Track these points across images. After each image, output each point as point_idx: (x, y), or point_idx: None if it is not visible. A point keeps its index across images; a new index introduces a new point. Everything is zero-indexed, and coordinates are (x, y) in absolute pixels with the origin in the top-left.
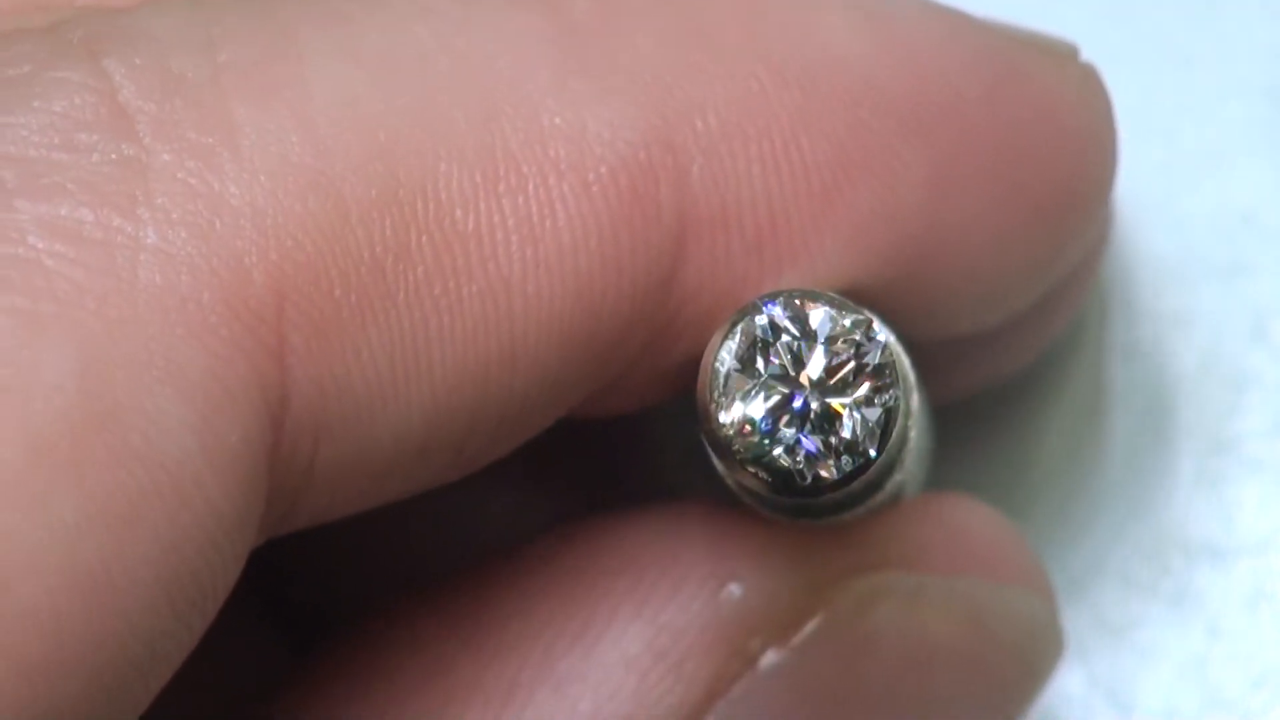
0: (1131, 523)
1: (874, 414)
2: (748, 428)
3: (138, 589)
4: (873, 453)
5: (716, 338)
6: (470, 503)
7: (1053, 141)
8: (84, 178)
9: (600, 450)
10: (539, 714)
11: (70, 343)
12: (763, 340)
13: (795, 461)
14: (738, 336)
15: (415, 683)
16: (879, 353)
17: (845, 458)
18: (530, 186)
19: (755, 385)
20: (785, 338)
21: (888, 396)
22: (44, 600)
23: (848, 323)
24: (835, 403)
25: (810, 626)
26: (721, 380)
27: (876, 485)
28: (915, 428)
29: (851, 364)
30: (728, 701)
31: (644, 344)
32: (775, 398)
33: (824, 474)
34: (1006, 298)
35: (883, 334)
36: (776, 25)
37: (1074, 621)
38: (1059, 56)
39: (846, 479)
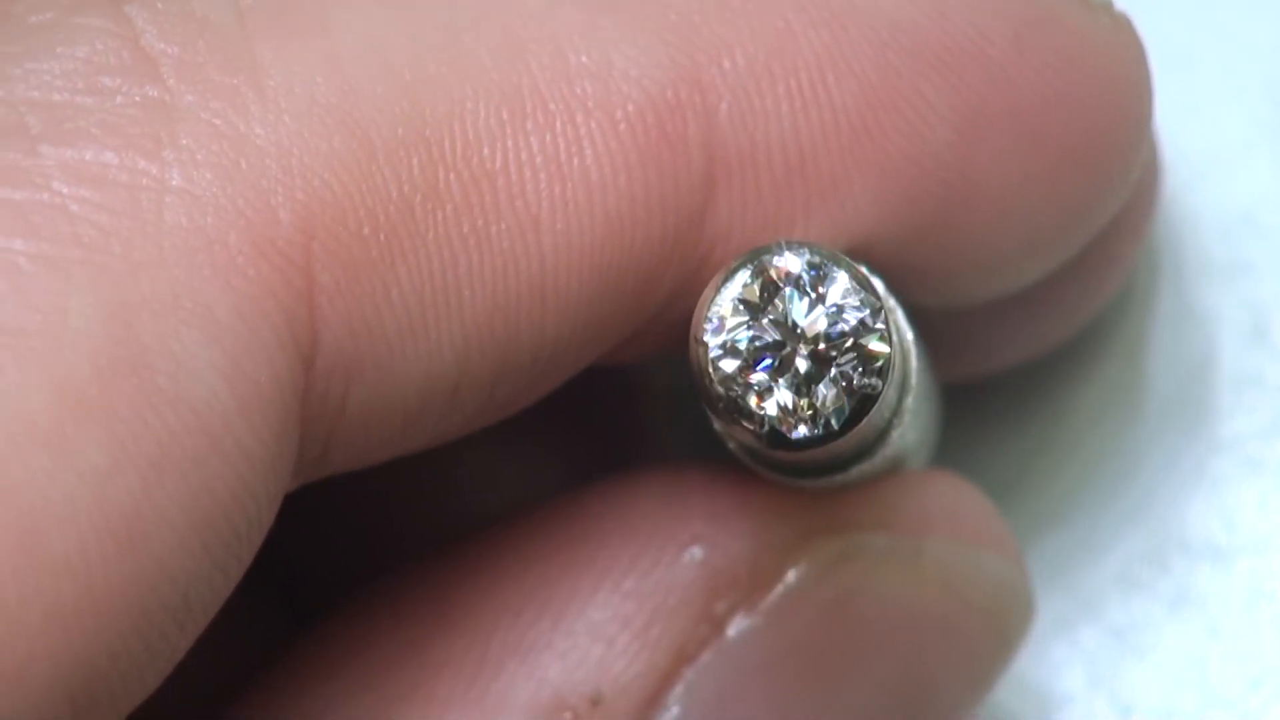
0: (1131, 523)
1: (851, 396)
2: (727, 359)
3: (169, 532)
4: (835, 426)
5: (722, 271)
6: (457, 468)
7: (1082, 85)
8: (108, 121)
9: (602, 411)
10: (507, 685)
11: (96, 287)
12: (770, 283)
13: (761, 408)
14: (747, 270)
15: (391, 659)
16: (877, 338)
17: (809, 425)
18: (558, 124)
19: (748, 322)
20: (792, 288)
21: (871, 383)
22: (75, 546)
23: (856, 300)
24: (819, 369)
25: (778, 589)
26: (717, 310)
27: (864, 453)
28: (919, 403)
29: (850, 340)
30: (696, 668)
31: (674, 286)
32: (764, 339)
33: (785, 430)
34: (1041, 248)
35: (887, 323)
36: None
37: (1074, 621)
38: (1089, 4)
39: (815, 441)
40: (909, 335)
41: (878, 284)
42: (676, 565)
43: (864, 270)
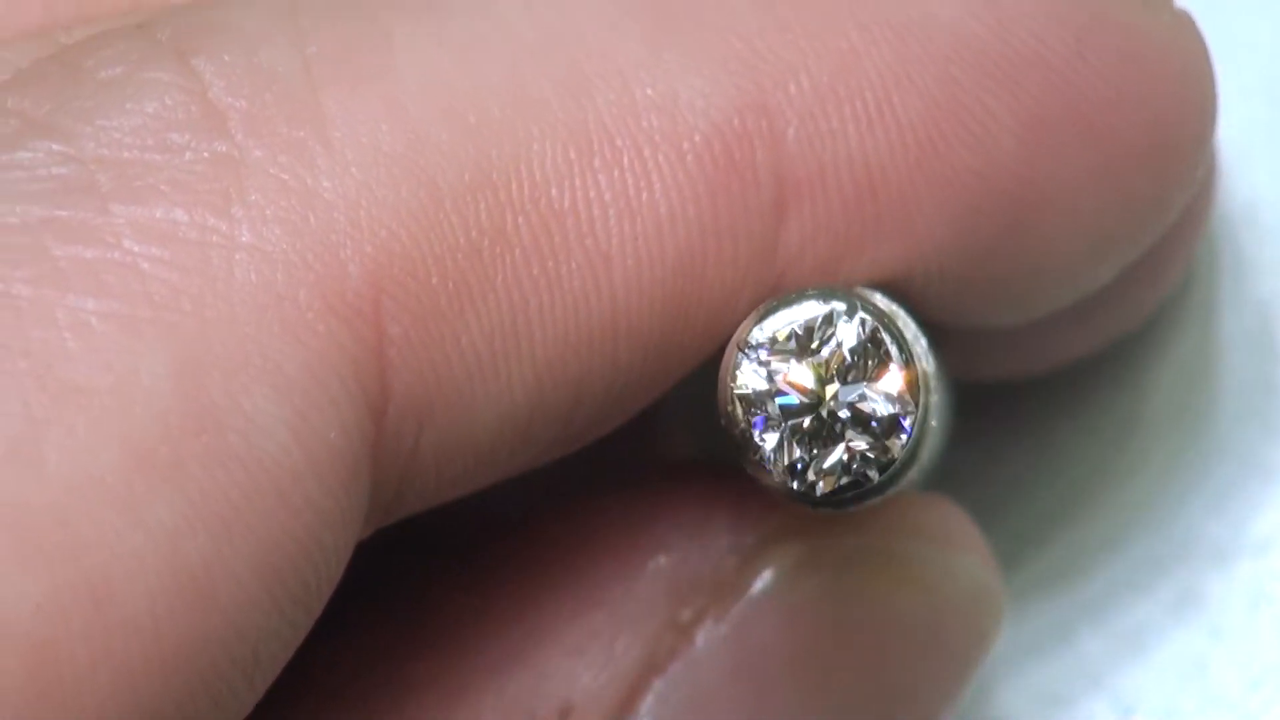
0: (1133, 525)
1: (879, 469)
2: (760, 453)
3: (240, 590)
4: (875, 476)
5: (758, 311)
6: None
7: (1145, 87)
8: (177, 178)
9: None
10: (477, 697)
11: (167, 346)
12: (798, 333)
13: (779, 465)
14: (781, 314)
15: (364, 688)
16: (906, 435)
17: (846, 478)
18: (625, 159)
19: (780, 373)
20: (826, 345)
21: (897, 462)
22: (145, 604)
23: (893, 389)
24: (849, 416)
25: (744, 595)
26: (752, 352)
27: (890, 484)
28: (932, 430)
29: (878, 424)
30: (666, 680)
31: (748, 309)
32: (793, 400)
33: (824, 487)
34: (1110, 251)
35: (919, 407)
36: None
37: (1075, 624)
38: (1149, 2)
39: (847, 489)
40: (931, 374)
41: (904, 316)
42: (642, 575)
43: (893, 308)
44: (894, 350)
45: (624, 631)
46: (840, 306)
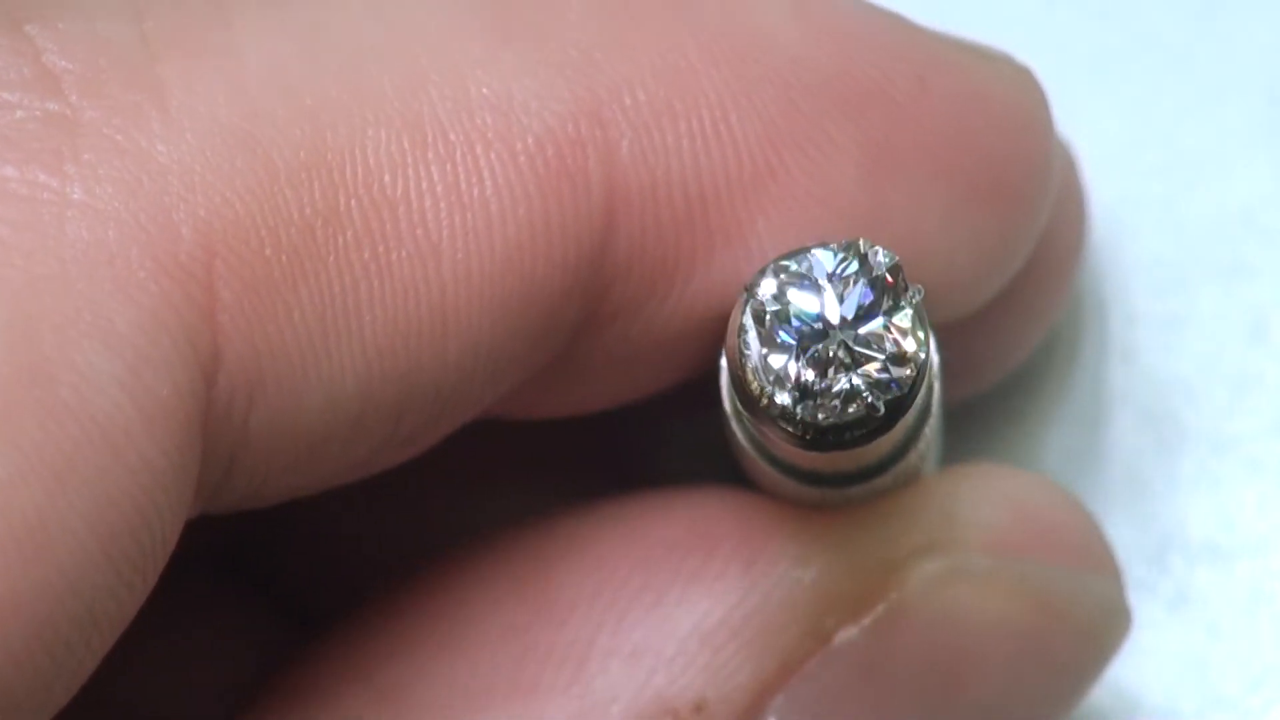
0: (1132, 523)
1: (885, 392)
2: (764, 347)
3: (74, 543)
4: (870, 415)
5: (739, 302)
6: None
7: (986, 128)
8: (8, 135)
9: (603, 452)
10: (611, 683)
11: None
12: (806, 277)
13: (795, 396)
14: (784, 264)
15: (480, 646)
16: (910, 336)
17: (853, 407)
18: (458, 154)
19: (786, 314)
20: (827, 282)
21: (904, 375)
22: None
23: (892, 302)
24: (854, 361)
25: (882, 607)
26: (755, 303)
27: (889, 461)
28: (933, 419)
29: (885, 338)
30: (799, 679)
31: (576, 321)
32: (802, 329)
33: (831, 415)
34: (955, 290)
35: (920, 321)
36: (706, 6)
37: None
38: (991, 55)
39: (855, 424)
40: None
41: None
42: (789, 578)
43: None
44: (906, 289)
45: (767, 634)
46: (853, 251)
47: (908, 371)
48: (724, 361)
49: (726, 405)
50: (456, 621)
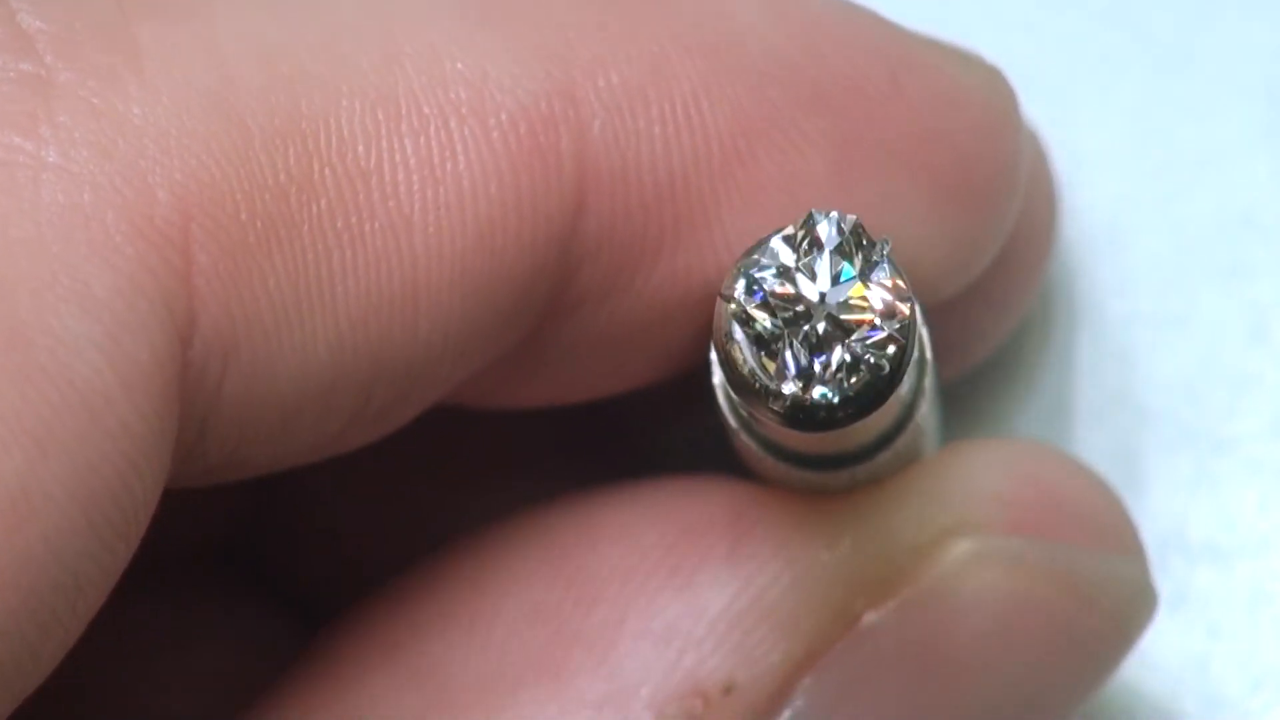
0: None
1: (872, 369)
2: (753, 324)
3: (55, 507)
4: (853, 394)
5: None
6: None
7: (957, 127)
8: None
9: (602, 452)
10: (641, 664)
11: None
12: (796, 250)
13: (783, 376)
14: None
15: (509, 626)
16: (888, 271)
17: (830, 391)
18: (431, 128)
19: (774, 292)
20: (817, 255)
21: (889, 355)
22: None
23: (884, 278)
24: (840, 337)
25: (911, 589)
26: (744, 276)
27: (893, 433)
28: (929, 386)
29: (872, 314)
30: (828, 661)
31: (546, 300)
32: (789, 309)
33: (837, 390)
34: (922, 285)
35: (910, 302)
36: None
37: None
38: (962, 54)
39: (861, 393)
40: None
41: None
42: (819, 561)
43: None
44: (873, 244)
45: (796, 616)
46: (809, 224)
47: (900, 322)
48: (715, 370)
49: (726, 412)
50: (485, 602)
